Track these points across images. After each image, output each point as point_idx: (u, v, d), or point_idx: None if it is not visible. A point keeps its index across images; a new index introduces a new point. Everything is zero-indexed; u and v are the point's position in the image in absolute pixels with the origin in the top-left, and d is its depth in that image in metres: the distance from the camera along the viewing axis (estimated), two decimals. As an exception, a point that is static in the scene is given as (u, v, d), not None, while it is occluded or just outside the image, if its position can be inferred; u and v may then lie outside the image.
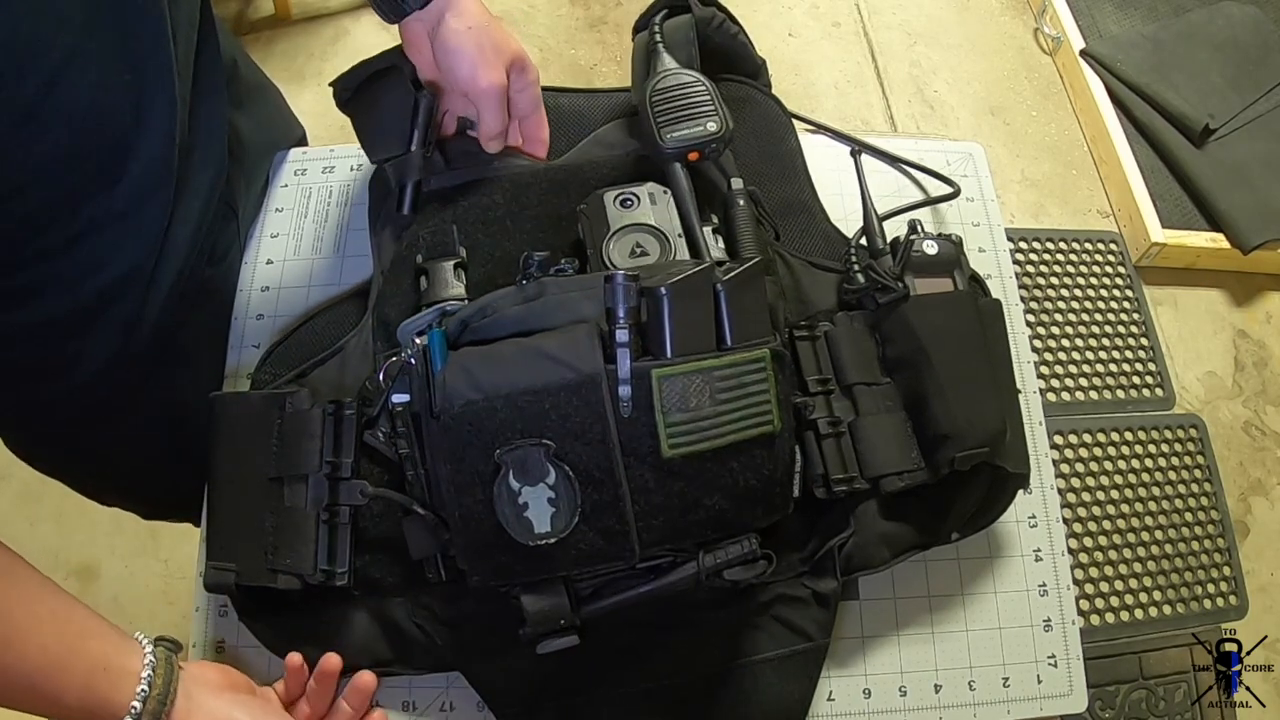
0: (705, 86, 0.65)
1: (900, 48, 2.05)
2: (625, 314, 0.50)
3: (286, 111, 0.86)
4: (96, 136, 0.54)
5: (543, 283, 0.55)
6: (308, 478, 0.59)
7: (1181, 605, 1.50)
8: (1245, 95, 1.89)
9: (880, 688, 0.63)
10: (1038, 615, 0.66)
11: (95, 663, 0.49)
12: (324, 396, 0.62)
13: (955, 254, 0.65)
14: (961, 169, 0.80)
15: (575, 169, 0.69)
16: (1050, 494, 0.70)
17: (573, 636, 0.55)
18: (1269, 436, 1.70)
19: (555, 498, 0.51)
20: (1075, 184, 1.89)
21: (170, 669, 0.52)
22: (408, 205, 0.67)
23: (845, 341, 0.64)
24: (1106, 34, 2.00)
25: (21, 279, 0.56)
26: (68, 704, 0.48)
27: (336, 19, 1.98)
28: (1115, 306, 1.73)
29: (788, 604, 0.61)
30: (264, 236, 0.74)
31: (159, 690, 0.50)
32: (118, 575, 1.46)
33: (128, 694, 0.49)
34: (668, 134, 0.64)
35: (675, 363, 0.50)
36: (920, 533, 0.62)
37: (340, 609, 0.60)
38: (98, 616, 0.51)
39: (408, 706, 0.61)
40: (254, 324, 0.71)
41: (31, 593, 0.49)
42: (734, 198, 0.66)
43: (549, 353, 0.51)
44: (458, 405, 0.51)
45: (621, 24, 2.01)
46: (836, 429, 0.61)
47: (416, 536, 0.58)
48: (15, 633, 0.46)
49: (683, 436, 0.50)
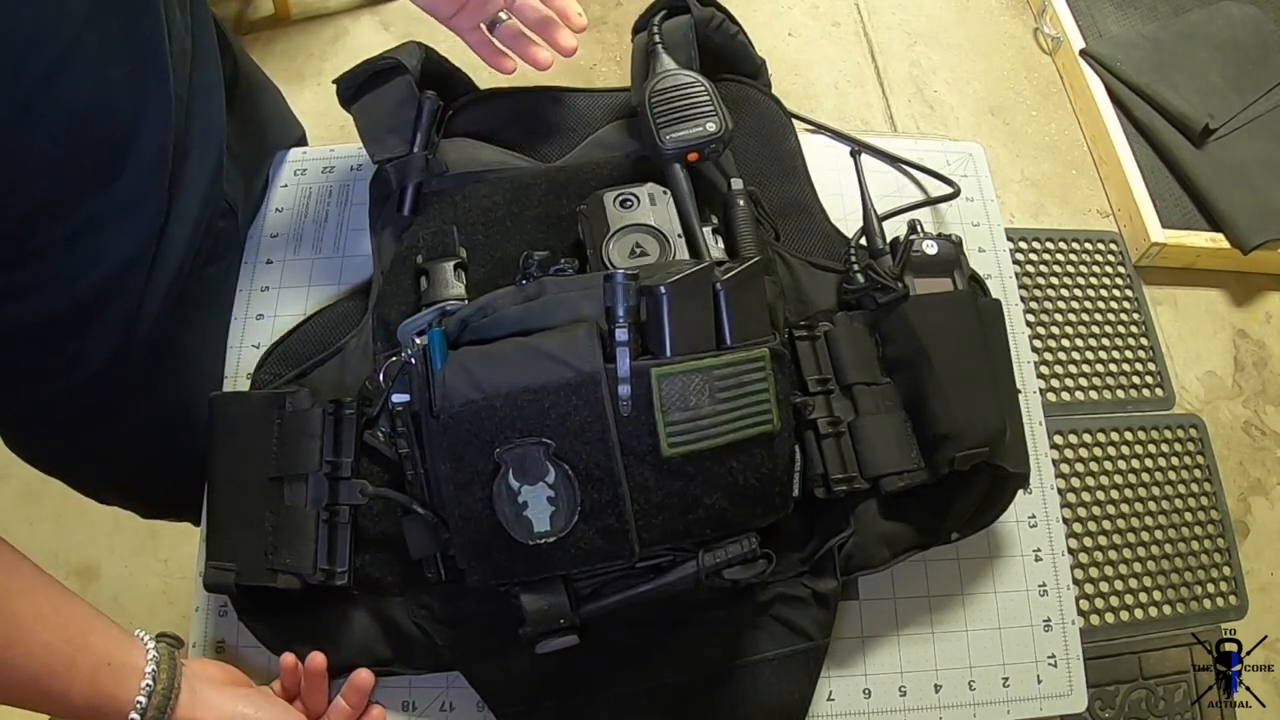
0: (704, 87, 0.65)
1: (900, 48, 2.05)
2: (625, 313, 0.50)
3: (286, 111, 0.86)
4: (95, 132, 0.53)
5: (542, 282, 0.55)
6: (308, 477, 0.59)
7: (1181, 605, 1.50)
8: (1245, 95, 1.89)
9: (880, 688, 0.63)
10: (1038, 615, 0.66)
11: (99, 659, 0.49)
12: (324, 396, 0.62)
13: (955, 254, 0.65)
14: (961, 169, 0.80)
15: (575, 170, 0.69)
16: (1050, 494, 0.70)
17: (572, 636, 0.55)
18: (1269, 436, 1.70)
19: (555, 497, 0.51)
20: (1075, 184, 1.89)
21: (173, 664, 0.52)
22: (408, 206, 0.67)
23: (845, 341, 0.64)
24: (1106, 34, 2.00)
25: (19, 276, 0.56)
26: (73, 700, 0.48)
27: (336, 19, 1.98)
28: (1115, 306, 1.73)
29: (788, 604, 0.61)
30: (264, 236, 0.74)
31: (163, 685, 0.51)
32: (118, 575, 1.46)
33: (132, 689, 0.50)
34: (667, 135, 0.64)
35: (675, 362, 0.50)
36: (920, 532, 0.62)
37: (340, 609, 0.60)
38: (99, 613, 0.51)
39: (408, 706, 0.61)
40: (254, 324, 0.71)
41: (35, 589, 0.49)
42: (734, 198, 0.66)
43: (549, 352, 0.51)
44: (457, 404, 0.51)
45: (621, 24, 2.01)
46: (836, 429, 0.61)
47: (416, 536, 0.58)
48: (20, 630, 0.46)
49: (682, 435, 0.50)
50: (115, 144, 0.55)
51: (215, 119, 0.66)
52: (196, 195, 0.64)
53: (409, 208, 0.67)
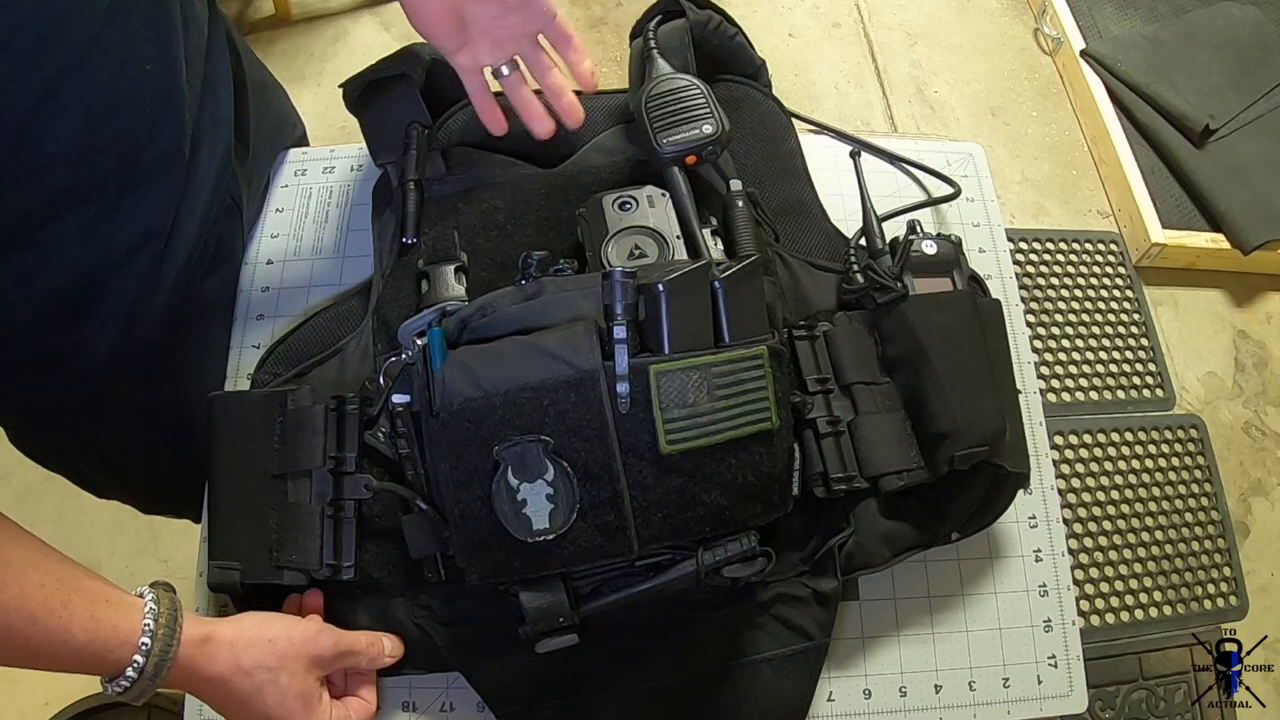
0: (700, 90, 0.65)
1: (900, 48, 2.05)
2: (623, 311, 0.50)
3: (290, 110, 0.86)
4: (112, 127, 0.54)
5: (541, 282, 0.56)
6: (311, 473, 0.59)
7: (1181, 605, 1.50)
8: (1245, 95, 1.89)
9: (880, 688, 0.63)
10: (1038, 615, 0.66)
11: (96, 595, 0.48)
12: (324, 396, 0.62)
13: (954, 254, 0.65)
14: (961, 169, 0.80)
15: (574, 175, 0.70)
16: (1050, 494, 0.70)
17: (572, 635, 0.55)
18: (1269, 437, 1.70)
19: (554, 494, 0.51)
20: (1075, 184, 1.89)
21: (172, 599, 0.51)
22: (411, 229, 0.66)
23: (844, 341, 0.64)
24: (1106, 34, 2.00)
25: (30, 259, 0.56)
26: (75, 636, 0.46)
27: (336, 19, 1.98)
28: (1115, 307, 1.73)
29: (788, 603, 0.61)
30: (264, 237, 0.74)
31: (166, 608, 0.50)
32: (117, 575, 1.45)
33: (136, 619, 0.48)
34: (664, 139, 0.64)
35: (673, 359, 0.51)
36: (920, 532, 0.62)
37: (341, 609, 0.60)
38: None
39: (408, 706, 0.61)
40: (254, 324, 0.71)
41: (23, 539, 0.48)
42: (733, 199, 0.66)
43: (548, 350, 0.51)
44: (457, 402, 0.51)
45: (622, 24, 2.01)
46: (836, 428, 0.61)
47: (416, 536, 0.58)
48: (12, 571, 0.45)
49: (681, 432, 0.51)
50: (132, 138, 0.56)
51: (224, 112, 0.66)
52: (205, 188, 0.64)
53: (411, 231, 0.66)
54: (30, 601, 0.45)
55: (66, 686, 0.94)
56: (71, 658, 0.47)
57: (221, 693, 0.52)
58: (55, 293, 0.58)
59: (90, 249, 0.57)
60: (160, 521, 0.89)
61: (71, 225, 0.55)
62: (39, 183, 0.52)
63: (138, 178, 0.57)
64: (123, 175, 0.56)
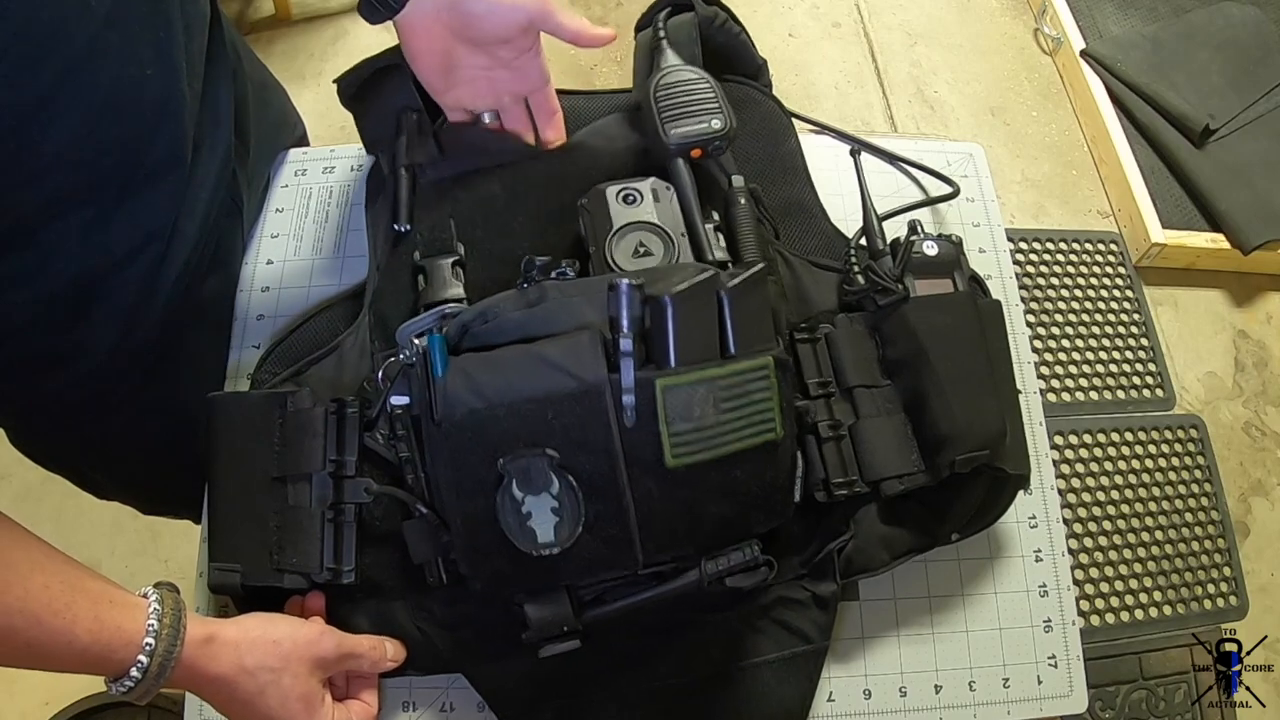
0: (709, 84, 0.65)
1: (900, 48, 2.05)
2: (629, 324, 0.49)
3: (290, 110, 0.86)
4: (112, 130, 0.54)
5: (544, 287, 0.55)
6: (312, 476, 0.59)
7: (1181, 605, 1.51)
8: (1245, 95, 1.89)
9: (880, 688, 0.63)
10: (1038, 616, 0.66)
11: (100, 596, 0.48)
12: (322, 395, 0.62)
13: (955, 255, 0.65)
14: (961, 169, 0.80)
15: (574, 160, 0.68)
16: (1050, 494, 0.70)
17: (574, 641, 0.55)
18: (1269, 437, 1.70)
19: (559, 507, 0.50)
20: (1075, 184, 1.89)
21: (175, 600, 0.51)
22: (404, 217, 0.66)
23: (845, 344, 0.63)
24: (1106, 34, 2.00)
25: (30, 259, 0.55)
26: (79, 637, 0.46)
27: (336, 19, 1.98)
28: (1115, 307, 1.73)
29: (788, 607, 0.61)
30: (264, 237, 0.74)
31: (170, 608, 0.50)
32: (118, 575, 1.44)
33: (140, 620, 0.48)
34: (672, 129, 0.63)
35: (679, 372, 0.50)
36: (920, 535, 0.62)
37: (341, 612, 0.60)
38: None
39: (408, 706, 0.61)
40: (254, 324, 0.71)
41: (27, 541, 0.48)
42: (735, 195, 0.66)
43: (552, 360, 0.50)
44: (460, 412, 0.50)
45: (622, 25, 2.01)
46: (837, 432, 0.61)
47: (417, 540, 0.57)
48: (16, 574, 0.45)
49: (686, 446, 0.50)
50: (132, 141, 0.56)
51: (224, 112, 0.66)
52: (205, 189, 0.64)
53: (405, 218, 0.66)
54: (35, 603, 0.45)
55: (66, 686, 0.95)
56: (76, 658, 0.47)
57: (225, 693, 0.52)
58: (55, 294, 0.58)
59: (90, 250, 0.57)
60: (160, 522, 0.89)
61: (72, 227, 0.55)
62: (39, 185, 0.52)
63: (138, 180, 0.57)
64: (123, 177, 0.56)
